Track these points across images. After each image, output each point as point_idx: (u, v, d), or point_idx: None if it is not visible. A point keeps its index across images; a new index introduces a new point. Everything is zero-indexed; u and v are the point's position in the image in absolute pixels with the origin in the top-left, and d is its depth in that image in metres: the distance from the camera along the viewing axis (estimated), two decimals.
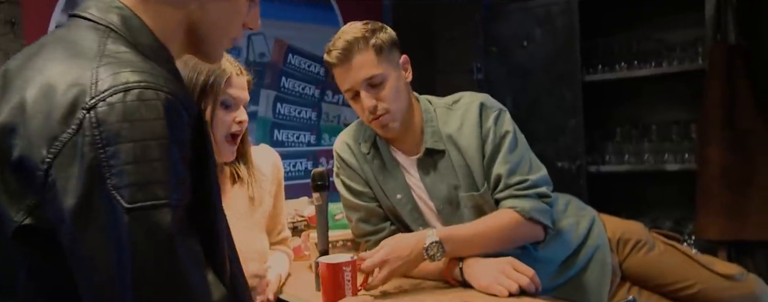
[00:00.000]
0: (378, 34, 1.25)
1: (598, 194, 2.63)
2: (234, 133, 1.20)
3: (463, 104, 1.33)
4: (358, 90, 1.26)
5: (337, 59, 1.24)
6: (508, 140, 1.28)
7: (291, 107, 2.90)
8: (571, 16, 2.56)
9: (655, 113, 2.64)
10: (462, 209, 1.31)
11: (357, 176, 1.37)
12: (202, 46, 0.82)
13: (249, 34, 2.74)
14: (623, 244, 1.37)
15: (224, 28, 0.81)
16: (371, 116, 1.27)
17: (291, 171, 2.87)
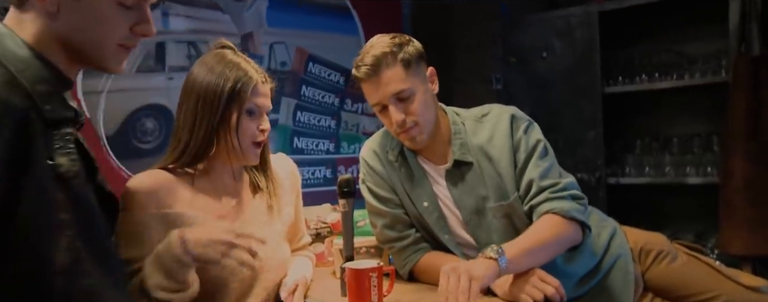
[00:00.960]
0: (405, 48, 1.27)
1: (617, 206, 2.62)
2: (257, 140, 1.21)
3: (493, 116, 1.36)
4: (386, 104, 1.28)
5: (366, 74, 1.26)
6: (539, 148, 1.31)
7: (311, 115, 2.93)
8: (590, 28, 2.57)
9: (676, 126, 2.63)
10: (490, 220, 1.31)
11: (384, 183, 1.39)
12: (87, 55, 0.88)
13: (271, 43, 2.78)
14: (645, 254, 1.36)
15: (95, 36, 0.86)
16: (399, 129, 1.28)
17: (310, 179, 2.89)
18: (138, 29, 0.89)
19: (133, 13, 0.88)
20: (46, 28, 0.85)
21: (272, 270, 1.22)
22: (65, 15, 0.84)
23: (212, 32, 2.60)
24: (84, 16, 0.85)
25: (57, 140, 0.82)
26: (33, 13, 0.85)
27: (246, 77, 1.18)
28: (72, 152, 0.84)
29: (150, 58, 2.43)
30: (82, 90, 2.25)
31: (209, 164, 1.23)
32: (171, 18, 2.48)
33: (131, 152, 2.37)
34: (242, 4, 2.69)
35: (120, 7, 0.86)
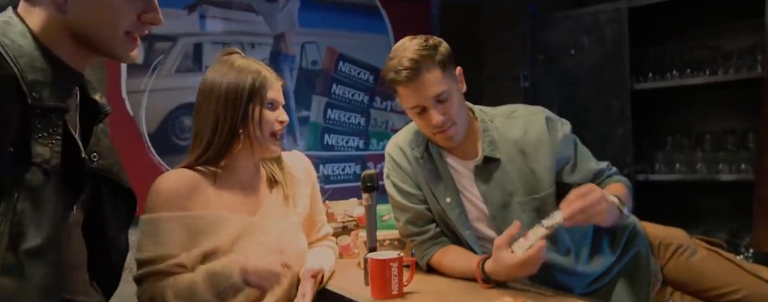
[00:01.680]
0: (439, 50, 1.30)
1: (647, 204, 2.59)
2: (276, 131, 1.31)
3: (523, 114, 1.41)
4: (425, 106, 1.30)
5: (407, 78, 1.27)
6: (579, 143, 1.42)
7: (341, 112, 3.00)
8: (620, 25, 2.55)
9: (708, 122, 2.59)
10: (517, 214, 1.35)
11: (408, 179, 1.43)
12: (96, 43, 0.89)
13: (302, 43, 2.86)
14: (664, 248, 1.38)
15: (103, 24, 0.88)
16: (438, 129, 1.32)
17: (340, 174, 2.97)
18: (145, 17, 0.91)
19: (140, 1, 0.90)
20: (54, 19, 0.86)
21: (292, 260, 1.30)
22: (73, 5, 0.86)
23: (247, 33, 2.70)
24: (91, 5, 0.86)
25: (40, 128, 0.83)
26: (41, 4, 0.87)
27: (261, 76, 1.28)
28: (56, 143, 0.85)
29: (188, 59, 2.54)
30: (126, 90, 2.39)
31: (230, 161, 1.31)
32: (208, 20, 2.59)
33: (170, 148, 2.49)
34: (275, 6, 2.78)
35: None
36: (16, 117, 0.81)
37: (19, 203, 0.81)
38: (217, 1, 2.60)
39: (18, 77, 0.82)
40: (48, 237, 0.84)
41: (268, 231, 1.29)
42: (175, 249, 1.20)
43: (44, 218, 0.84)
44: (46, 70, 0.85)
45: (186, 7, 2.52)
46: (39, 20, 0.87)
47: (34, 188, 0.83)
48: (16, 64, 0.82)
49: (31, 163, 0.82)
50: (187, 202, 1.24)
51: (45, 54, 0.86)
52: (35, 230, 0.83)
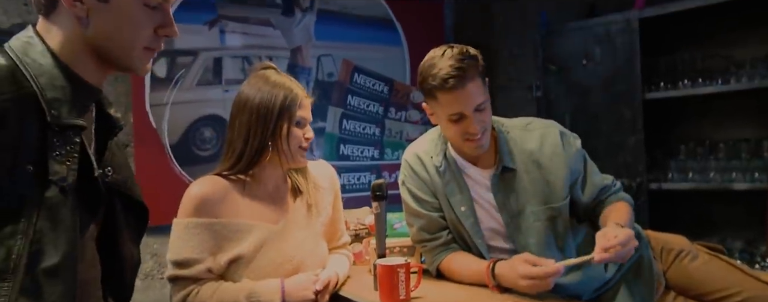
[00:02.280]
0: (479, 61, 1.34)
1: (660, 212, 2.60)
2: (303, 146, 1.38)
3: (539, 127, 1.46)
4: (466, 115, 1.32)
5: (453, 86, 1.28)
6: (589, 160, 1.46)
7: (356, 123, 3.07)
8: (631, 35, 2.58)
9: (722, 131, 2.59)
10: (531, 223, 1.39)
11: (424, 186, 1.47)
12: (115, 58, 0.90)
13: (319, 56, 2.94)
14: (667, 253, 1.41)
15: (124, 38, 0.88)
16: (473, 137, 1.35)
17: (355, 184, 3.03)
18: (161, 31, 0.92)
19: (157, 14, 0.91)
20: (75, 35, 0.87)
21: (311, 266, 1.36)
22: (95, 19, 0.87)
23: (265, 47, 2.79)
24: (113, 19, 0.87)
25: (58, 146, 0.83)
26: (61, 20, 0.87)
27: (293, 94, 1.35)
28: (73, 160, 0.85)
29: (208, 72, 2.64)
30: (149, 103, 2.49)
31: (259, 171, 1.39)
32: (227, 35, 2.69)
33: (191, 159, 2.58)
34: (292, 20, 2.87)
35: (146, 9, 0.89)
36: (36, 135, 0.82)
37: (39, 222, 0.81)
38: (236, 17, 2.70)
39: (38, 94, 0.83)
40: (65, 256, 0.83)
41: (290, 239, 1.36)
42: (203, 252, 1.29)
43: (61, 237, 0.83)
44: (65, 87, 0.86)
45: (206, 23, 2.63)
46: (59, 37, 0.88)
47: (52, 206, 0.83)
48: (36, 82, 0.84)
49: (49, 181, 0.82)
50: (217, 208, 1.32)
51: (64, 72, 0.87)
52: (53, 249, 0.82)
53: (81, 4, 0.86)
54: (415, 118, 3.24)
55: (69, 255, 0.84)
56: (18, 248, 0.79)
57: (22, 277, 0.79)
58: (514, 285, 1.25)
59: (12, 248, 0.79)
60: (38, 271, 0.80)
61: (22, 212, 0.80)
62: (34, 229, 0.80)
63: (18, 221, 0.79)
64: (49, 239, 0.82)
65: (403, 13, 3.18)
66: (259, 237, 1.33)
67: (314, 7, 2.93)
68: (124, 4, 0.88)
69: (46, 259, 0.81)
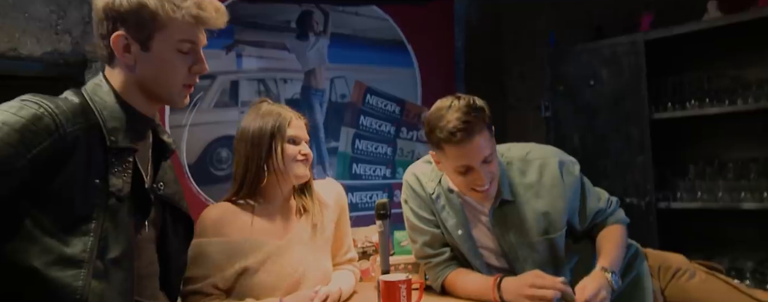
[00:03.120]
0: (485, 112, 1.34)
1: (669, 231, 2.61)
2: (300, 160, 1.46)
3: (538, 156, 1.47)
4: (473, 167, 1.33)
5: (461, 140, 1.29)
6: (588, 184, 1.50)
7: (368, 142, 3.14)
8: (637, 57, 2.63)
9: (730, 151, 2.60)
10: (529, 252, 1.43)
11: (424, 205, 1.52)
12: (158, 95, 1.12)
13: (332, 78, 3.03)
14: (664, 271, 1.45)
15: (164, 79, 1.10)
16: (481, 188, 1.36)
17: (367, 202, 3.08)
18: (195, 69, 1.13)
19: (190, 56, 1.12)
20: (129, 77, 1.11)
21: (314, 280, 1.42)
22: (140, 66, 1.10)
23: (279, 70, 2.89)
24: (154, 65, 1.09)
25: (116, 164, 1.06)
26: (118, 67, 1.12)
27: (281, 117, 1.46)
28: (127, 175, 1.08)
29: (225, 95, 2.74)
30: (168, 124, 2.59)
31: (263, 193, 1.49)
32: (244, 59, 2.79)
33: (208, 178, 2.67)
34: (306, 44, 2.97)
35: (179, 54, 1.10)
36: (101, 156, 1.05)
37: (105, 223, 1.04)
38: (252, 41, 2.81)
39: (101, 125, 1.06)
40: (124, 250, 1.06)
41: (293, 254, 1.43)
42: (212, 269, 1.39)
43: (121, 235, 1.06)
44: (122, 118, 1.09)
45: (224, 48, 2.74)
46: (118, 79, 1.12)
47: (114, 211, 1.05)
48: (100, 115, 1.07)
49: (110, 192, 1.05)
50: (226, 229, 1.43)
51: (122, 106, 1.10)
52: (115, 244, 1.04)
53: (129, 54, 1.09)
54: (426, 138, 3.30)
55: (127, 249, 1.07)
56: (90, 243, 1.01)
57: (93, 265, 1.00)
58: (516, 299, 1.29)
59: (87, 243, 1.01)
60: (106, 260, 1.02)
61: (92, 216, 1.02)
62: (101, 229, 1.03)
63: (90, 223, 1.02)
64: (112, 236, 1.04)
65: (414, 35, 3.26)
66: (265, 252, 1.41)
67: (327, 30, 3.03)
68: (162, 52, 1.09)
69: (110, 252, 1.04)
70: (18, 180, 0.96)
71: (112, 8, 1.07)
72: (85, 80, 2.60)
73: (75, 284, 0.98)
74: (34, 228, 0.98)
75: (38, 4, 2.49)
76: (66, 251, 0.99)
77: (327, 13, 3.02)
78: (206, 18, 1.11)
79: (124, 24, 1.07)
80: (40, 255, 0.97)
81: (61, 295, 0.97)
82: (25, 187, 0.97)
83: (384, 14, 3.18)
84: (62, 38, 2.54)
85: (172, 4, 1.07)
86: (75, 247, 0.99)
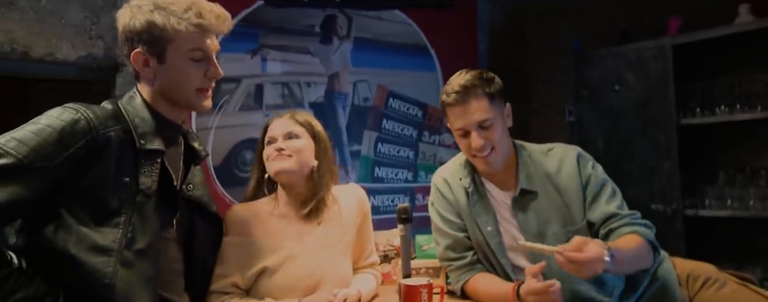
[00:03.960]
0: (490, 84, 1.44)
1: (697, 239, 2.56)
2: (276, 156, 1.49)
3: (559, 152, 1.51)
4: (469, 130, 1.43)
5: (455, 101, 1.42)
6: (609, 186, 1.46)
7: (391, 146, 3.15)
8: (664, 61, 2.58)
9: (761, 158, 2.54)
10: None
11: (451, 208, 1.54)
12: (178, 101, 1.24)
13: (355, 81, 3.05)
14: (693, 280, 1.41)
15: (180, 86, 1.21)
16: (479, 153, 1.43)
17: (389, 206, 3.09)
18: (209, 74, 1.23)
19: (203, 63, 1.22)
20: (152, 88, 1.24)
21: (331, 283, 1.43)
22: (160, 77, 1.22)
23: (303, 73, 2.93)
24: (170, 76, 1.21)
25: (145, 165, 1.18)
26: (144, 80, 1.25)
27: (269, 120, 1.57)
28: (155, 174, 1.19)
29: (250, 98, 2.79)
30: (195, 127, 2.64)
31: (283, 195, 1.54)
32: (268, 63, 2.83)
33: (234, 180, 2.71)
34: (329, 48, 3.00)
35: (192, 62, 1.21)
36: (131, 157, 1.17)
37: (133, 217, 1.15)
38: (276, 45, 2.85)
39: (132, 129, 1.18)
40: (149, 242, 1.17)
41: (312, 256, 1.45)
42: (232, 268, 1.42)
43: (147, 229, 1.17)
44: (151, 124, 1.21)
45: (249, 52, 2.78)
46: (146, 90, 1.25)
47: (141, 206, 1.16)
48: (132, 121, 1.20)
49: (139, 189, 1.16)
50: (248, 229, 1.47)
51: (151, 113, 1.23)
52: (141, 236, 1.15)
53: (148, 68, 1.22)
54: (449, 142, 3.29)
55: (152, 242, 1.18)
56: (120, 235, 1.12)
57: (121, 254, 1.12)
58: None
59: (116, 235, 1.12)
60: (133, 250, 1.14)
61: (122, 210, 1.14)
62: (129, 222, 1.14)
63: (120, 217, 1.13)
64: (139, 230, 1.15)
65: (438, 39, 3.26)
66: (284, 253, 1.44)
67: (351, 35, 3.05)
68: (176, 63, 1.21)
69: (137, 243, 1.15)
70: (57, 175, 1.08)
71: (129, 29, 1.19)
72: (116, 83, 2.68)
73: (105, 270, 1.09)
74: (71, 218, 1.10)
75: (74, 10, 2.56)
76: (98, 240, 1.10)
77: (350, 18, 3.04)
78: (207, 25, 1.20)
79: (141, 42, 1.19)
80: (76, 243, 1.09)
81: (93, 279, 1.09)
82: (63, 182, 1.09)
83: (407, 19, 3.19)
84: (95, 43, 2.62)
85: (176, 18, 1.17)
86: (106, 237, 1.11)
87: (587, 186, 1.44)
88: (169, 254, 1.27)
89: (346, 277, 1.50)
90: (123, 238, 1.12)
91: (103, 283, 1.09)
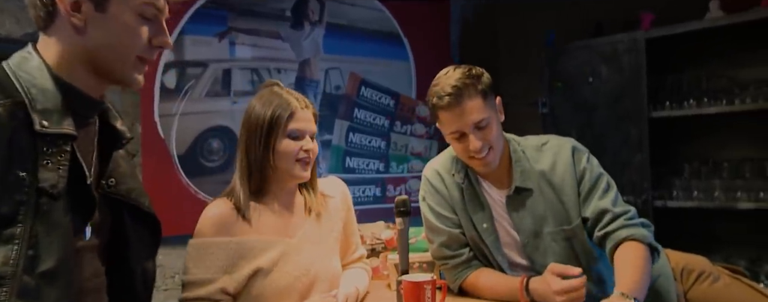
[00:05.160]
0: (482, 80, 1.35)
1: (665, 230, 2.61)
2: (301, 158, 1.33)
3: (554, 146, 1.44)
4: (465, 132, 1.34)
5: (449, 104, 1.32)
6: (604, 180, 1.39)
7: (362, 136, 3.08)
8: (637, 54, 2.62)
9: (726, 151, 2.62)
10: (548, 243, 1.38)
11: (444, 203, 1.47)
12: (107, 68, 0.92)
13: (326, 69, 2.96)
14: (687, 274, 1.42)
15: (120, 47, 0.91)
16: (477, 155, 1.35)
17: (361, 197, 3.03)
18: (156, 41, 0.94)
19: (152, 25, 0.93)
20: (72, 47, 0.90)
21: (325, 280, 1.35)
22: (92, 29, 0.89)
23: (273, 59, 2.80)
24: (109, 29, 0.90)
25: (47, 153, 0.85)
26: (59, 34, 0.90)
27: (283, 106, 1.32)
28: (63, 167, 0.87)
29: (217, 84, 2.64)
30: (158, 113, 2.48)
31: (268, 187, 1.38)
32: (237, 47, 2.69)
33: (199, 170, 2.57)
34: (301, 33, 2.88)
35: (141, 19, 0.92)
36: (26, 143, 0.85)
37: (35, 227, 0.83)
38: (246, 29, 2.71)
39: (27, 104, 0.86)
40: (59, 260, 0.85)
41: (305, 253, 1.35)
42: (217, 272, 1.28)
43: (55, 242, 0.85)
44: (56, 98, 0.88)
45: (217, 35, 2.63)
46: (55, 50, 0.91)
47: (45, 212, 0.85)
48: (27, 93, 0.87)
49: (39, 188, 0.84)
50: (233, 228, 1.32)
51: (58, 84, 0.90)
52: (48, 253, 0.84)
53: (79, 14, 0.89)
54: (421, 131, 3.25)
55: (63, 259, 0.86)
56: (15, 253, 0.81)
57: (20, 281, 0.81)
58: (546, 299, 1.25)
59: (10, 253, 0.81)
60: (36, 275, 0.83)
61: (17, 218, 0.82)
62: (29, 234, 0.82)
63: (14, 227, 0.81)
64: (45, 244, 0.84)
65: (410, 27, 3.21)
66: (277, 251, 1.33)
67: (323, 20, 2.95)
68: (120, 14, 0.90)
69: (42, 264, 0.83)
70: None
71: None
72: None
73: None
74: None
75: None
76: None
77: (323, 3, 2.94)
78: None
79: None
80: None
81: None
82: None
83: (380, 5, 3.12)
84: None
85: None
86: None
87: (582, 181, 1.39)
88: (88, 268, 0.97)
89: (337, 274, 1.42)
90: (20, 258, 0.81)
91: None
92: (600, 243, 1.35)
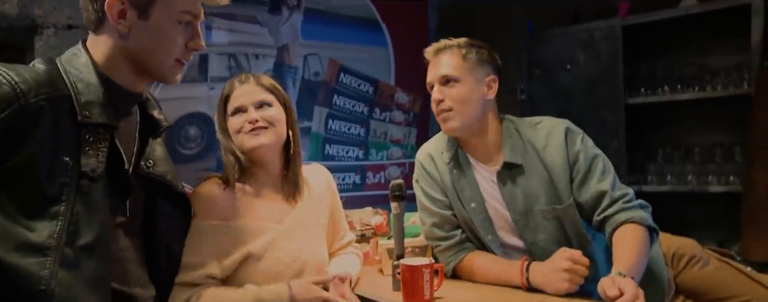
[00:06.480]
0: (472, 48, 1.44)
1: None
2: (247, 131, 1.33)
3: (547, 125, 1.46)
4: (432, 83, 1.45)
5: (429, 55, 1.48)
6: (600, 161, 1.40)
7: (342, 123, 3.05)
8: (614, 41, 2.66)
9: (697, 136, 2.70)
10: (539, 220, 1.39)
11: (435, 185, 1.48)
12: (148, 69, 1.05)
13: (305, 55, 2.91)
14: (678, 259, 1.45)
15: (159, 51, 1.03)
16: (436, 107, 1.43)
17: (340, 184, 3.00)
18: (191, 44, 1.06)
19: (188, 30, 1.05)
20: (117, 47, 1.02)
21: (314, 266, 1.35)
22: (135, 34, 1.01)
23: (251, 45, 2.73)
24: (151, 35, 1.01)
25: (89, 141, 0.98)
26: (106, 35, 1.03)
27: (224, 90, 1.37)
28: (102, 154, 0.99)
29: (194, 69, 2.56)
30: None
31: (255, 172, 1.38)
32: (214, 32, 2.62)
33: (175, 157, 2.46)
34: (279, 18, 2.82)
35: (179, 25, 1.03)
36: (71, 132, 0.96)
37: (76, 206, 0.95)
38: (222, 13, 2.64)
39: (73, 97, 0.97)
40: (97, 235, 0.97)
41: (295, 239, 1.34)
42: (207, 257, 1.26)
43: (94, 219, 0.97)
44: (99, 92, 1.00)
45: None
46: (102, 49, 1.03)
47: (85, 193, 0.97)
48: (74, 87, 0.98)
49: (81, 171, 0.96)
50: (224, 211, 1.31)
51: (102, 79, 1.01)
52: (87, 229, 0.96)
53: (124, 21, 1.01)
54: (399, 119, 3.24)
55: (101, 234, 0.98)
56: (59, 228, 0.92)
57: (61, 252, 0.92)
58: (545, 281, 1.25)
59: (54, 229, 0.92)
60: (76, 247, 0.94)
61: (61, 198, 0.94)
62: (71, 212, 0.94)
63: (58, 205, 0.93)
64: (84, 221, 0.95)
65: (389, 14, 3.18)
66: (268, 237, 1.32)
67: (301, 5, 2.89)
68: (161, 22, 1.01)
69: (81, 238, 0.95)
70: None
71: None
72: (34, 48, 2.36)
73: (40, 273, 0.89)
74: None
75: None
76: (30, 236, 0.90)
77: None
78: None
79: None
80: (0, 242, 0.89)
81: (25, 285, 0.88)
82: None
83: None
84: (7, 0, 2.28)
85: None
86: (41, 232, 0.91)
87: (575, 164, 1.39)
88: (123, 243, 1.09)
89: (325, 261, 1.41)
90: (63, 232, 0.92)
91: (38, 290, 0.88)
92: (599, 226, 1.36)
